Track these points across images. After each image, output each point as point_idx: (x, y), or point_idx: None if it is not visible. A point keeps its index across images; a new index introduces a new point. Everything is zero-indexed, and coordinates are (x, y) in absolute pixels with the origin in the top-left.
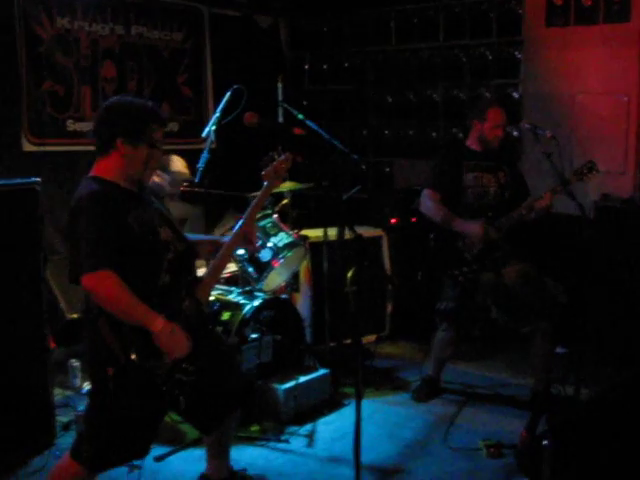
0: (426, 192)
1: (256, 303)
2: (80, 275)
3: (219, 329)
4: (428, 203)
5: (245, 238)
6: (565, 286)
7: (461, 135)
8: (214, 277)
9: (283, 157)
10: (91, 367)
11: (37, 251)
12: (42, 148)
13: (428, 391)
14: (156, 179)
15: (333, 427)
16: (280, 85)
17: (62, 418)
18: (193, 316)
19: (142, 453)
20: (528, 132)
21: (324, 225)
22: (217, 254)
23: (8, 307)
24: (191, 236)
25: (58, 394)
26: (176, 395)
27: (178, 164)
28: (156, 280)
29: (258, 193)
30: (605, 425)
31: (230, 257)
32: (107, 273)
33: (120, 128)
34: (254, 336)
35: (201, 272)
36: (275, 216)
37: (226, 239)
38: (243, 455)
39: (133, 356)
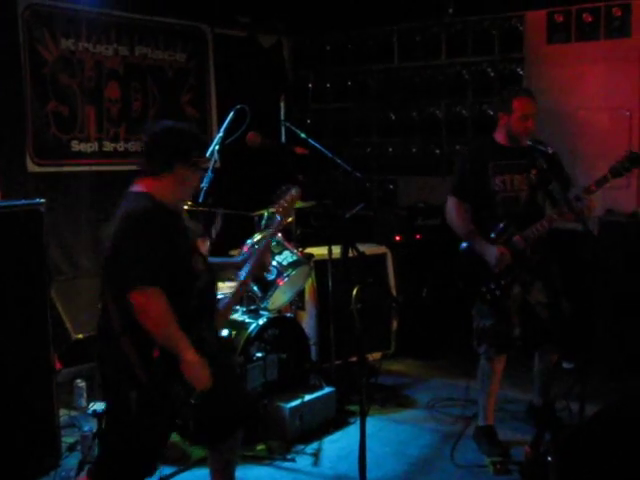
0: (450, 200)
1: (261, 322)
2: (128, 289)
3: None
4: (452, 213)
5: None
6: (570, 301)
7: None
8: (229, 308)
9: (294, 192)
10: (111, 387)
11: (42, 272)
12: (47, 169)
13: (492, 442)
14: None
15: (339, 445)
16: (282, 104)
17: (68, 439)
18: (211, 344)
19: (152, 472)
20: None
21: (328, 243)
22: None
23: (14, 328)
24: (211, 259)
25: (63, 414)
26: (185, 417)
27: None
28: (186, 305)
29: (262, 212)
30: (609, 441)
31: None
32: (158, 291)
33: (181, 153)
34: (259, 355)
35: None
36: (279, 235)
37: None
38: (249, 474)
39: (158, 372)
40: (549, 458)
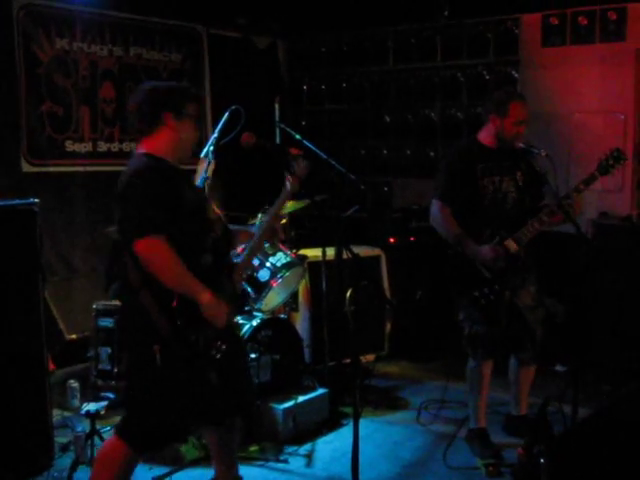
0: (435, 203)
1: (254, 323)
2: (132, 240)
3: None
4: (438, 218)
5: (273, 231)
6: (564, 304)
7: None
8: (247, 261)
9: (304, 163)
10: (133, 344)
11: (35, 272)
12: (41, 169)
13: (484, 444)
14: None
15: (332, 447)
16: (277, 106)
17: (60, 439)
18: (230, 298)
19: (182, 436)
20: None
21: (322, 245)
22: (249, 244)
23: (7, 328)
24: None
25: (57, 415)
26: (208, 370)
27: None
28: (199, 258)
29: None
30: (602, 443)
31: (262, 245)
32: (161, 240)
33: (167, 104)
34: (253, 356)
35: None
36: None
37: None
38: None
39: (179, 322)
40: (542, 460)
